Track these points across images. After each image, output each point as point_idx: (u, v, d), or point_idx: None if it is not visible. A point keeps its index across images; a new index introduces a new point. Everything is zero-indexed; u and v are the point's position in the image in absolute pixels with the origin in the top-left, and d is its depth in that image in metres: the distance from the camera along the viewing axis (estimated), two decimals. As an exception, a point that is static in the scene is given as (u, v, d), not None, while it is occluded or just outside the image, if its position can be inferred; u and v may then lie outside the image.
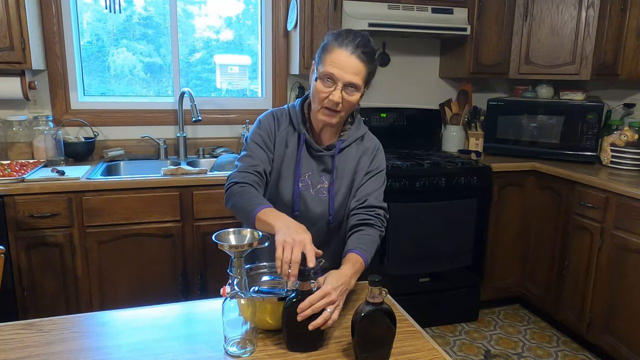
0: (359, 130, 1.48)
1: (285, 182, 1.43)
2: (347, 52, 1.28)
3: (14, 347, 1.06)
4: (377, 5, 2.74)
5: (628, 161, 2.72)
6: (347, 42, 1.29)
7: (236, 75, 3.17)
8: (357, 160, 1.46)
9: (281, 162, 1.44)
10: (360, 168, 1.46)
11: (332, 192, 1.43)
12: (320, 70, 1.32)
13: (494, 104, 3.12)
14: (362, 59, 1.29)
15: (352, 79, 1.29)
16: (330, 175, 1.44)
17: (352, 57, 1.28)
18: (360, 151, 1.47)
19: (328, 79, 1.30)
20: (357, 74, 1.29)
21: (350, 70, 1.28)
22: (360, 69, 1.30)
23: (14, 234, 2.15)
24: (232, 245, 1.10)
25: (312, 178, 1.44)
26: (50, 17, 2.59)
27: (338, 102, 1.30)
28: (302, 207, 1.43)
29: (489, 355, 2.62)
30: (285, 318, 1.05)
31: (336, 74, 1.28)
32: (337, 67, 1.28)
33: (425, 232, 2.68)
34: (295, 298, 1.05)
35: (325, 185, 1.45)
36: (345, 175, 1.45)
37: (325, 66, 1.30)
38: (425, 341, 1.13)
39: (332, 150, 1.44)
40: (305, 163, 1.43)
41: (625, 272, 2.34)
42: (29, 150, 2.58)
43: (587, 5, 2.80)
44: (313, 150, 1.44)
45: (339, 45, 1.29)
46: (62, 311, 2.25)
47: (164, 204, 2.32)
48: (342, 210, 1.46)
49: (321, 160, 1.44)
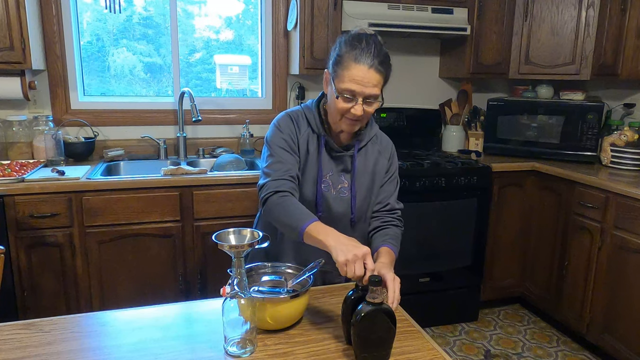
0: (372, 129, 1.51)
1: (307, 183, 1.44)
2: (365, 67, 1.27)
3: (14, 347, 1.06)
4: (377, 5, 2.74)
5: (628, 161, 2.72)
6: (364, 55, 1.27)
7: (236, 75, 3.16)
8: (375, 159, 1.49)
9: (304, 164, 1.45)
10: (379, 168, 1.49)
11: (354, 191, 1.45)
12: (339, 87, 1.30)
13: (494, 104, 3.12)
14: (380, 70, 1.29)
15: (372, 91, 1.29)
16: (349, 174, 1.46)
17: (371, 71, 1.27)
18: (376, 151, 1.50)
19: (348, 95, 1.30)
20: (376, 86, 1.30)
21: (370, 84, 1.28)
22: (379, 80, 1.30)
23: (14, 234, 2.15)
24: (232, 245, 1.10)
25: (332, 178, 1.46)
26: (50, 17, 2.59)
27: (360, 115, 1.31)
28: (325, 207, 1.45)
29: (489, 355, 2.62)
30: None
31: (357, 90, 1.28)
32: (357, 84, 1.28)
33: (425, 232, 2.68)
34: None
35: (346, 184, 1.46)
36: (364, 174, 1.47)
37: (345, 83, 1.29)
38: (425, 341, 1.13)
39: (351, 150, 1.46)
40: (326, 164, 1.45)
41: (625, 272, 2.34)
42: (29, 150, 2.58)
43: (587, 5, 2.80)
44: (333, 152, 1.45)
45: (356, 61, 1.27)
46: (62, 311, 2.25)
47: (164, 204, 2.32)
48: (363, 208, 1.48)
49: (340, 161, 1.46)
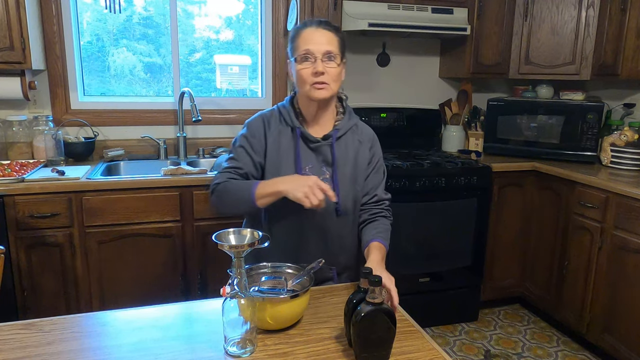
0: (351, 120, 1.53)
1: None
2: (313, 27, 1.40)
3: (14, 347, 1.06)
4: (377, 5, 2.74)
5: (628, 161, 2.72)
6: (309, 22, 1.42)
7: (236, 75, 3.16)
8: (356, 150, 1.50)
9: (280, 161, 1.45)
10: (360, 158, 1.50)
11: (336, 181, 1.45)
12: (296, 55, 1.40)
13: (494, 104, 3.12)
14: (328, 29, 1.40)
15: (327, 47, 1.38)
16: (330, 166, 1.47)
17: (319, 29, 1.40)
18: (356, 140, 1.51)
19: (306, 57, 1.38)
20: (330, 42, 1.39)
21: (323, 40, 1.38)
22: (331, 37, 1.40)
23: (14, 234, 2.15)
24: (232, 245, 1.10)
25: (313, 170, 1.46)
26: (50, 17, 2.59)
27: (322, 71, 1.37)
28: None
29: (489, 355, 2.62)
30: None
31: (312, 48, 1.37)
32: (311, 42, 1.38)
33: (425, 232, 2.68)
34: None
35: (327, 176, 1.47)
36: (346, 164, 1.47)
37: (300, 47, 1.39)
38: (425, 341, 1.13)
39: (329, 140, 1.47)
40: (305, 156, 1.46)
41: (625, 272, 2.34)
42: (29, 150, 2.58)
43: (587, 5, 2.80)
44: (310, 143, 1.46)
45: (303, 27, 1.41)
46: (62, 311, 2.25)
47: (164, 204, 2.32)
48: (348, 198, 1.48)
49: (320, 152, 1.47)
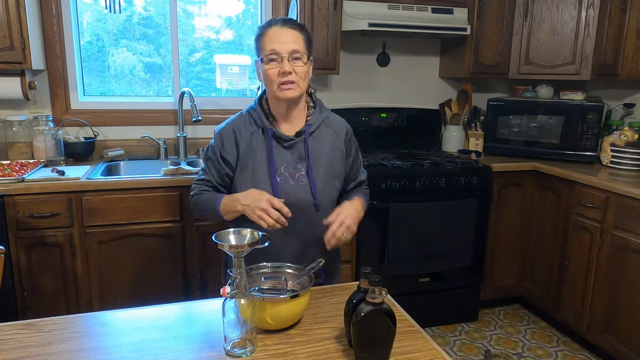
0: (322, 113, 1.52)
1: (262, 180, 1.44)
2: (277, 27, 1.40)
3: (14, 347, 1.06)
4: (377, 5, 2.74)
5: (628, 161, 2.72)
6: (274, 21, 1.42)
7: (236, 75, 3.16)
8: (331, 143, 1.50)
9: (254, 163, 1.46)
10: (336, 152, 1.51)
11: (312, 177, 1.45)
12: (263, 55, 1.41)
13: (494, 104, 3.12)
14: (293, 28, 1.40)
15: (293, 46, 1.38)
16: (305, 162, 1.46)
17: (284, 28, 1.39)
18: (330, 134, 1.51)
19: (273, 57, 1.38)
20: (296, 41, 1.39)
21: (289, 39, 1.38)
22: (297, 36, 1.40)
23: (14, 234, 2.15)
24: (232, 245, 1.10)
25: (288, 169, 1.46)
26: (50, 17, 2.59)
27: (290, 71, 1.37)
28: (285, 198, 1.42)
29: (489, 355, 2.62)
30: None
31: (277, 48, 1.37)
32: (276, 42, 1.38)
33: (425, 232, 2.68)
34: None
35: (303, 172, 1.46)
36: (321, 158, 1.47)
37: (266, 47, 1.39)
38: (425, 341, 1.13)
39: (302, 136, 1.47)
40: (278, 156, 1.46)
41: (625, 272, 2.34)
42: (29, 150, 2.58)
43: (587, 5, 2.80)
44: (283, 141, 1.46)
45: (268, 26, 1.41)
46: (62, 311, 2.25)
47: (164, 204, 2.32)
48: (326, 192, 1.48)
49: (294, 149, 1.47)
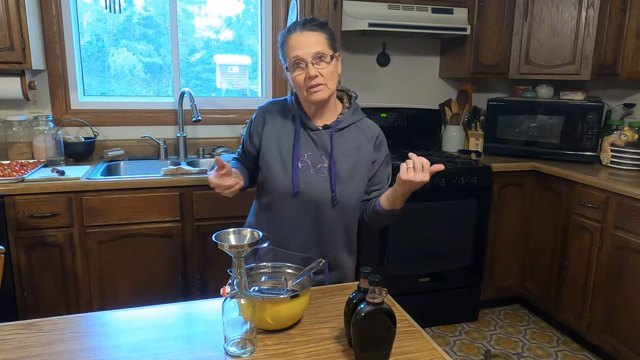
0: (355, 115, 1.52)
1: (285, 162, 1.46)
2: (297, 32, 1.38)
3: (14, 347, 1.06)
4: (377, 5, 2.74)
5: (628, 161, 2.72)
6: (294, 27, 1.39)
7: (236, 75, 3.16)
8: (358, 144, 1.49)
9: (279, 147, 1.48)
10: (363, 154, 1.49)
11: (334, 170, 1.45)
12: (288, 63, 1.40)
13: (494, 104, 3.12)
14: (313, 29, 1.38)
15: (316, 49, 1.36)
16: (329, 156, 1.46)
17: (304, 32, 1.37)
18: (360, 136, 1.50)
19: (297, 64, 1.37)
20: (318, 43, 1.36)
21: (310, 42, 1.36)
22: (319, 38, 1.37)
23: (14, 234, 2.15)
24: (232, 245, 1.10)
25: (311, 158, 1.46)
26: (50, 17, 2.59)
27: (315, 74, 1.36)
28: (303, 186, 1.44)
29: (489, 355, 2.62)
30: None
31: (300, 54, 1.36)
32: (298, 48, 1.36)
33: (425, 232, 2.68)
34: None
35: (326, 164, 1.46)
36: (345, 157, 1.47)
37: (289, 55, 1.38)
38: (425, 341, 1.13)
39: (329, 129, 1.47)
40: (304, 143, 1.47)
41: (625, 272, 2.34)
42: (29, 150, 2.58)
43: (587, 5, 2.80)
44: (310, 131, 1.47)
45: (288, 33, 1.39)
46: (62, 311, 2.25)
47: (164, 204, 2.32)
48: (347, 191, 1.46)
49: (320, 140, 1.47)
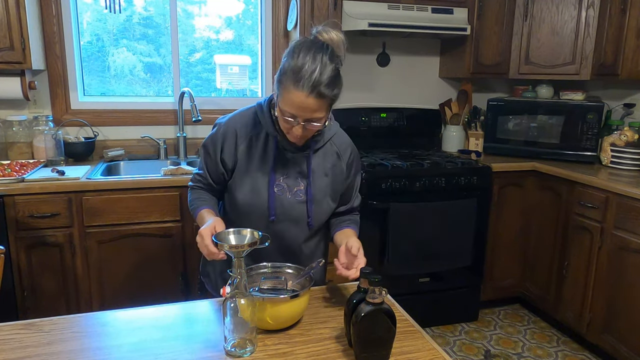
0: (331, 129, 1.43)
1: (260, 189, 1.37)
2: (304, 93, 1.18)
3: (14, 347, 1.06)
4: (377, 5, 2.74)
5: (628, 161, 2.72)
6: (305, 79, 1.18)
7: (236, 75, 3.16)
8: (333, 162, 1.42)
9: (252, 168, 1.37)
10: (337, 171, 1.43)
11: (310, 194, 1.39)
12: (281, 106, 1.25)
13: (494, 104, 3.12)
14: (320, 95, 1.19)
15: (312, 115, 1.22)
16: (306, 178, 1.39)
17: (310, 98, 1.19)
18: (333, 151, 1.43)
19: (288, 117, 1.24)
20: (317, 110, 1.22)
21: (310, 109, 1.21)
22: (320, 105, 1.22)
23: (14, 234, 2.15)
24: (232, 245, 1.10)
25: (287, 181, 1.38)
26: (50, 17, 2.59)
27: (301, 135, 1.26)
28: (280, 211, 1.38)
29: (489, 355, 2.62)
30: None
31: (296, 114, 1.22)
32: (296, 108, 1.21)
33: (425, 232, 2.68)
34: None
35: (302, 187, 1.39)
36: (321, 177, 1.41)
37: (286, 104, 1.23)
38: (425, 341, 1.13)
39: (307, 151, 1.38)
40: (279, 167, 1.37)
41: (625, 272, 2.34)
42: (29, 150, 2.58)
43: (587, 5, 2.80)
44: (287, 152, 1.38)
45: (295, 86, 1.19)
46: (62, 311, 2.26)
47: (164, 204, 2.32)
48: (322, 211, 1.42)
49: (296, 163, 1.39)
